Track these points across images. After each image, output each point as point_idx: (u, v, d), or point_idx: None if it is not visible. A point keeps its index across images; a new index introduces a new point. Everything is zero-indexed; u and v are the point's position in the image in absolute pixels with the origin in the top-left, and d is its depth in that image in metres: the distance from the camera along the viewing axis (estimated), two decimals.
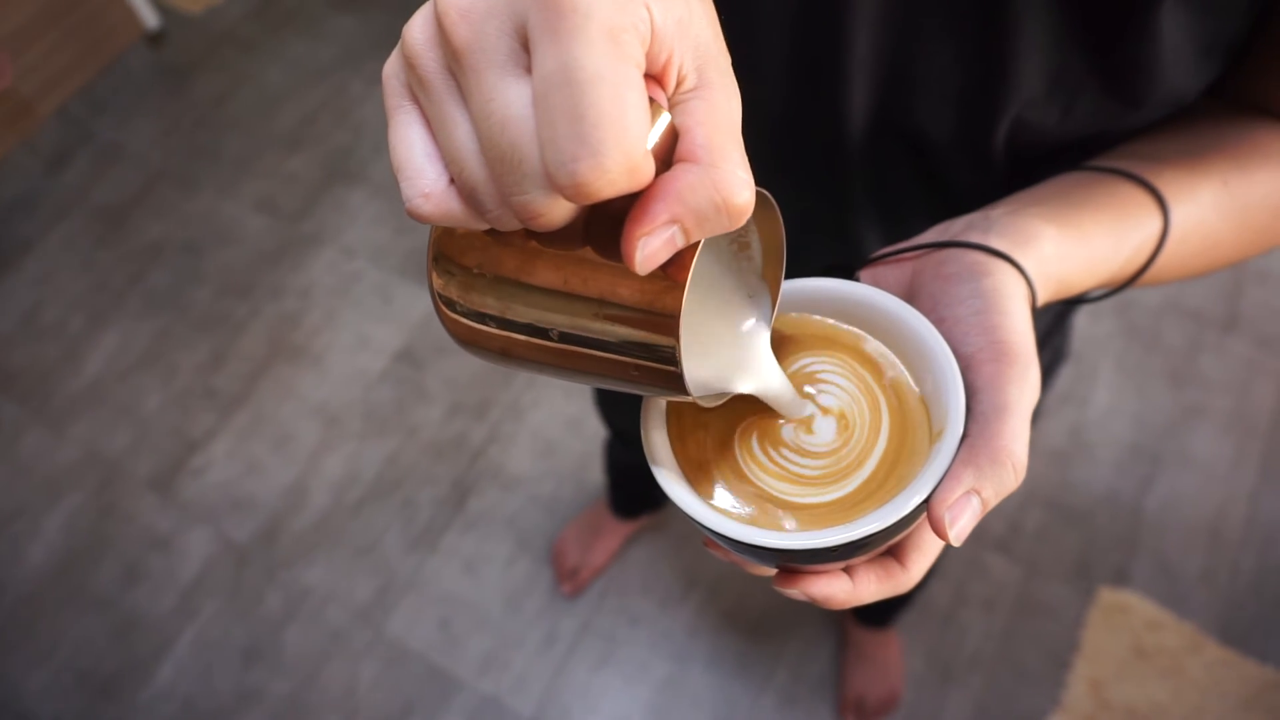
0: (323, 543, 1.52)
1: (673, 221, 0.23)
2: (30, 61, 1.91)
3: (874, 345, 0.37)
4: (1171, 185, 0.41)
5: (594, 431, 1.59)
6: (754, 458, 0.36)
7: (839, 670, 1.38)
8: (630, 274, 0.25)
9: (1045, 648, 1.39)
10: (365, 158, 1.92)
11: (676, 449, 0.36)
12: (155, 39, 2.10)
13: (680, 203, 0.23)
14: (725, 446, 0.36)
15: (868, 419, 0.36)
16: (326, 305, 1.75)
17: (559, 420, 1.61)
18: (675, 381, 0.27)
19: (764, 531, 0.33)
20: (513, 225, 0.25)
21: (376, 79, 2.02)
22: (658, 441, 0.36)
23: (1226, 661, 1.35)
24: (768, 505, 0.35)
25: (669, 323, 0.26)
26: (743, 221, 0.24)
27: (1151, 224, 0.41)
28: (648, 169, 0.22)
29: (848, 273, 0.41)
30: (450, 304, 0.30)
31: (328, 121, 1.97)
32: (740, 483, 0.35)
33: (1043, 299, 0.37)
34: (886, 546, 0.35)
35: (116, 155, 1.95)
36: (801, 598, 0.35)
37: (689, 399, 0.29)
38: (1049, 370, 0.74)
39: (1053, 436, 1.54)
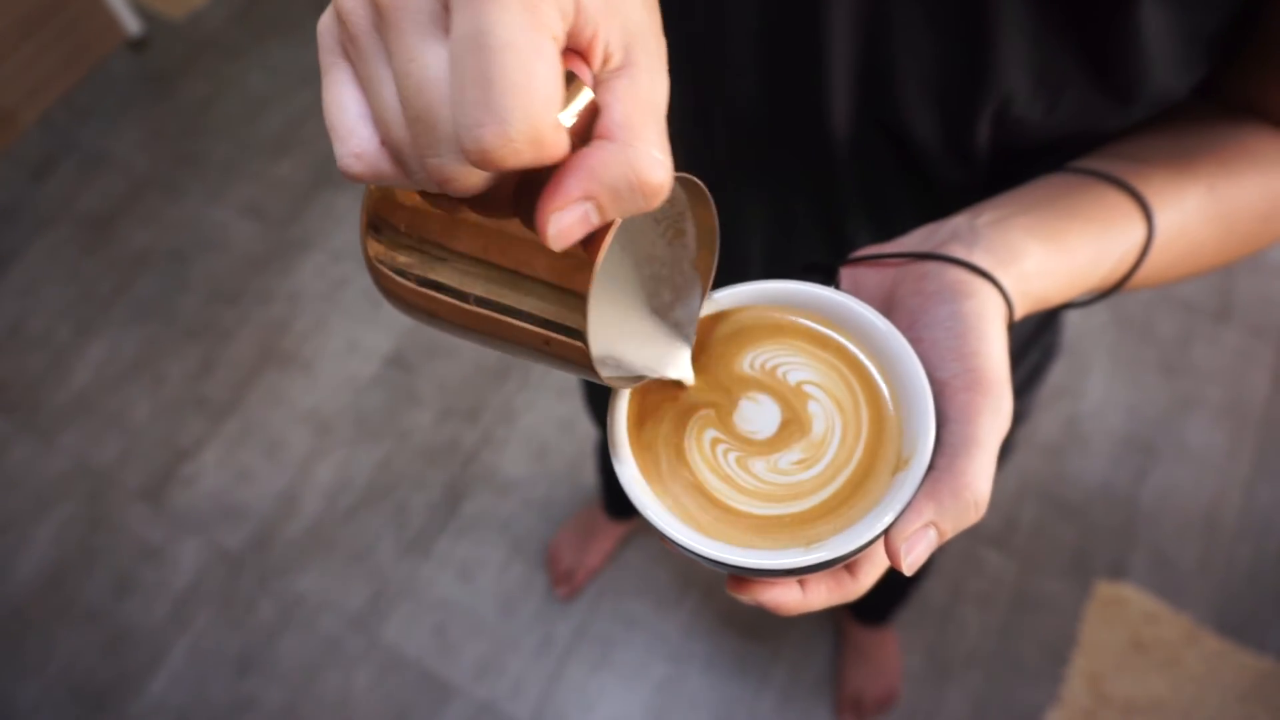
0: (315, 550, 1.51)
1: (586, 198, 0.23)
2: (10, 70, 1.89)
3: (868, 359, 0.36)
4: (1158, 190, 0.41)
5: (586, 433, 1.58)
6: (715, 465, 0.35)
7: (837, 669, 1.38)
8: (545, 248, 0.26)
9: (1043, 642, 1.38)
10: None
11: (634, 441, 0.36)
12: (137, 45, 2.09)
13: (594, 179, 0.23)
14: (686, 449, 0.36)
15: (847, 435, 0.35)
16: (315, 310, 1.73)
17: (551, 422, 1.61)
18: (583, 358, 0.27)
19: (718, 544, 0.32)
20: (434, 187, 0.25)
21: None
22: (620, 435, 0.36)
23: (1224, 652, 1.35)
24: (724, 514, 0.34)
25: (578, 300, 0.26)
26: (658, 202, 0.24)
27: (1135, 233, 0.40)
28: (556, 141, 0.22)
29: (828, 272, 0.40)
30: (380, 261, 0.30)
31: (313, 126, 1.96)
32: (697, 486, 0.35)
33: (1019, 315, 0.37)
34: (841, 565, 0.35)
35: (100, 163, 1.94)
36: (753, 603, 0.34)
37: (600, 379, 0.29)
38: (1039, 368, 0.74)
39: (1047, 430, 1.54)
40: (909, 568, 0.31)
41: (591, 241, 0.25)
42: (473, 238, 0.27)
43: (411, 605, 1.46)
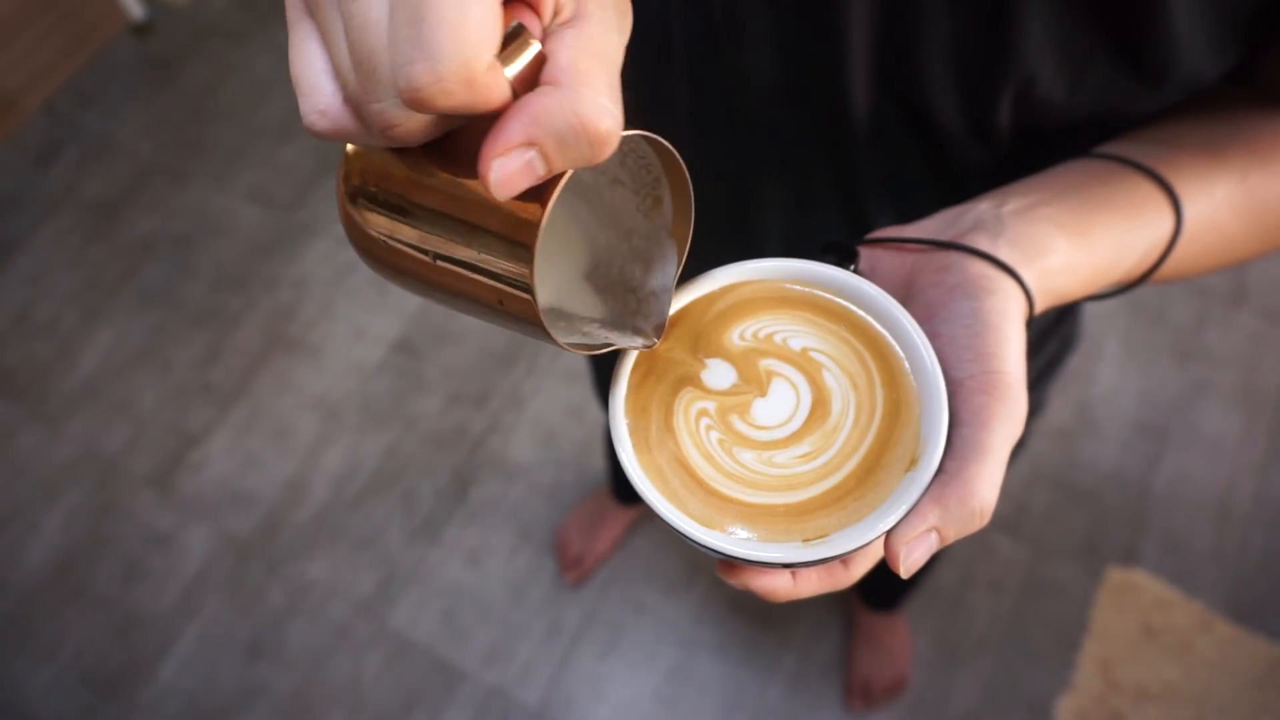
0: (324, 536, 1.51)
1: (529, 144, 0.22)
2: (13, 56, 1.88)
3: (913, 339, 0.34)
4: (1188, 179, 0.40)
5: (594, 418, 1.57)
6: (713, 452, 0.34)
7: (846, 654, 1.37)
8: (497, 202, 0.25)
9: (1054, 628, 1.38)
10: None
11: (634, 428, 0.35)
12: (141, 30, 2.07)
13: (536, 124, 0.22)
14: (689, 432, 0.35)
15: (860, 417, 0.34)
16: (322, 296, 1.73)
17: (559, 408, 1.60)
18: (532, 314, 0.27)
19: (711, 533, 0.32)
20: (382, 139, 0.24)
21: None
22: (620, 422, 0.35)
23: (1236, 639, 1.34)
24: (720, 502, 0.33)
25: (525, 252, 0.26)
26: (606, 152, 0.23)
27: (1163, 225, 0.39)
28: (491, 84, 0.22)
29: (846, 253, 0.39)
30: (352, 221, 0.31)
31: None
32: (692, 470, 0.34)
33: (1038, 311, 0.36)
34: None
35: (105, 149, 1.93)
36: (742, 588, 0.34)
37: (554, 340, 0.29)
38: (1057, 358, 0.73)
39: (1059, 415, 1.53)
40: (906, 571, 0.30)
41: (542, 194, 0.25)
42: (432, 193, 0.27)
43: (420, 591, 1.46)
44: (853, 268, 0.38)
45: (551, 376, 1.62)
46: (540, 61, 0.23)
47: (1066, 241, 0.36)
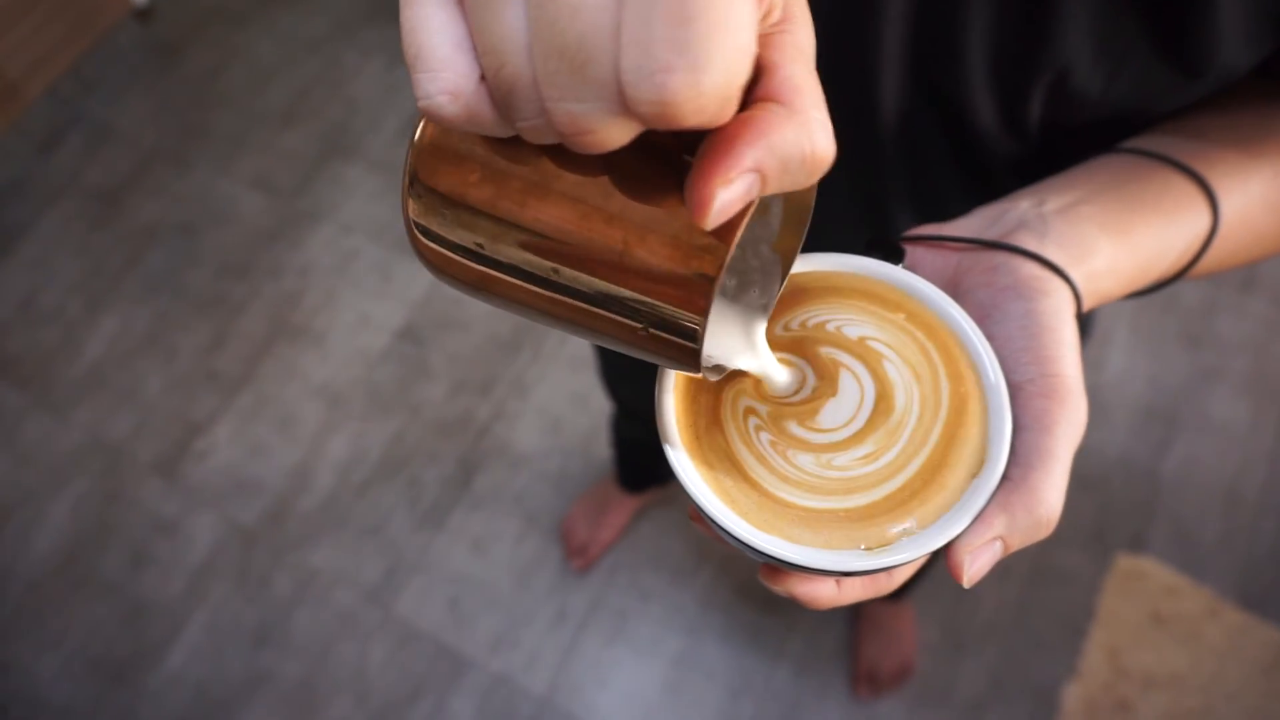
0: (329, 524, 1.51)
1: (756, 169, 0.20)
2: (16, 41, 1.87)
3: (971, 339, 0.33)
4: (1223, 176, 0.39)
5: (600, 406, 1.57)
6: (766, 455, 0.33)
7: (852, 641, 1.37)
8: (665, 222, 0.22)
9: (1061, 616, 1.37)
10: (361, 131, 1.89)
11: (683, 426, 0.33)
12: (144, 14, 2.06)
13: (769, 149, 0.20)
14: (743, 436, 0.33)
15: (925, 413, 0.32)
16: (326, 284, 1.72)
17: (564, 395, 1.59)
18: (688, 356, 0.24)
19: (768, 537, 0.30)
20: (547, 139, 0.20)
21: (370, 51, 1.97)
22: (669, 421, 0.33)
23: (1245, 627, 1.33)
24: (776, 506, 0.32)
25: (701, 288, 0.22)
26: (819, 175, 0.21)
27: (1200, 224, 0.38)
28: (738, 101, 0.19)
29: (892, 251, 0.38)
30: (429, 229, 0.25)
31: (321, 95, 1.94)
32: (744, 470, 0.32)
33: (1083, 312, 0.36)
34: None
35: (108, 135, 1.92)
36: (785, 595, 0.33)
37: (697, 372, 0.25)
38: None
39: None
40: (969, 580, 0.29)
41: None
42: (564, 204, 0.22)
43: (426, 579, 1.46)
44: (901, 266, 0.37)
45: (556, 364, 1.62)
46: (755, 66, 0.20)
47: (1110, 242, 0.36)
